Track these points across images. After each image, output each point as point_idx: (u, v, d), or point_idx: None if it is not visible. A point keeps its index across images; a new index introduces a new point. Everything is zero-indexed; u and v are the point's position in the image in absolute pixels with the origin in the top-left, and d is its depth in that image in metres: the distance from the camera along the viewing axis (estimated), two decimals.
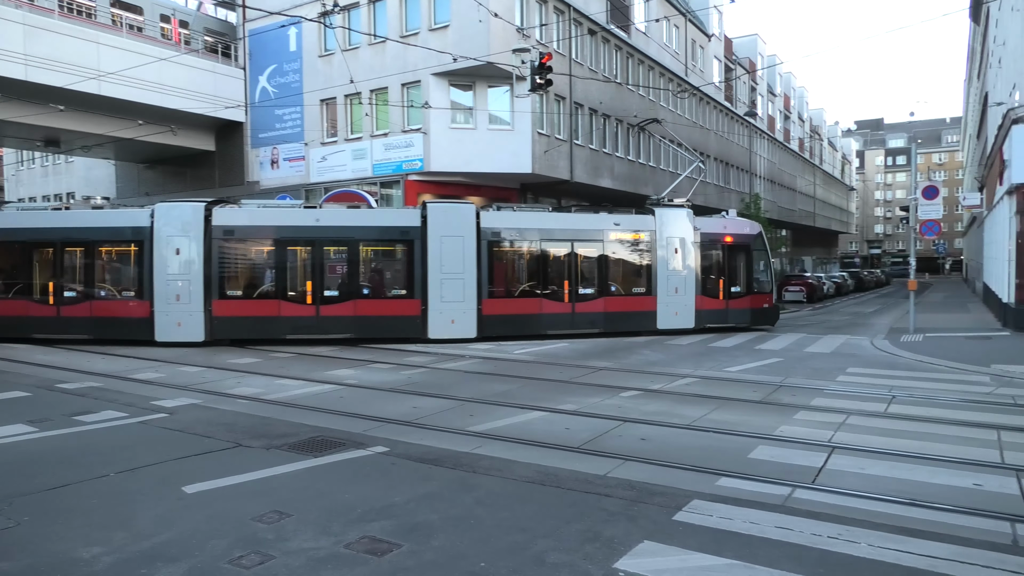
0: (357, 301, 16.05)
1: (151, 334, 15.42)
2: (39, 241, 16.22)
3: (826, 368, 12.07)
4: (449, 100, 23.04)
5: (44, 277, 16.19)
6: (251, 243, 16.10)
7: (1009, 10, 19.23)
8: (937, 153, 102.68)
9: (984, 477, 5.92)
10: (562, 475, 6.03)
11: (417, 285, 16.10)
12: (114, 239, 16.13)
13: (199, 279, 15.48)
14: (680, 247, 17.77)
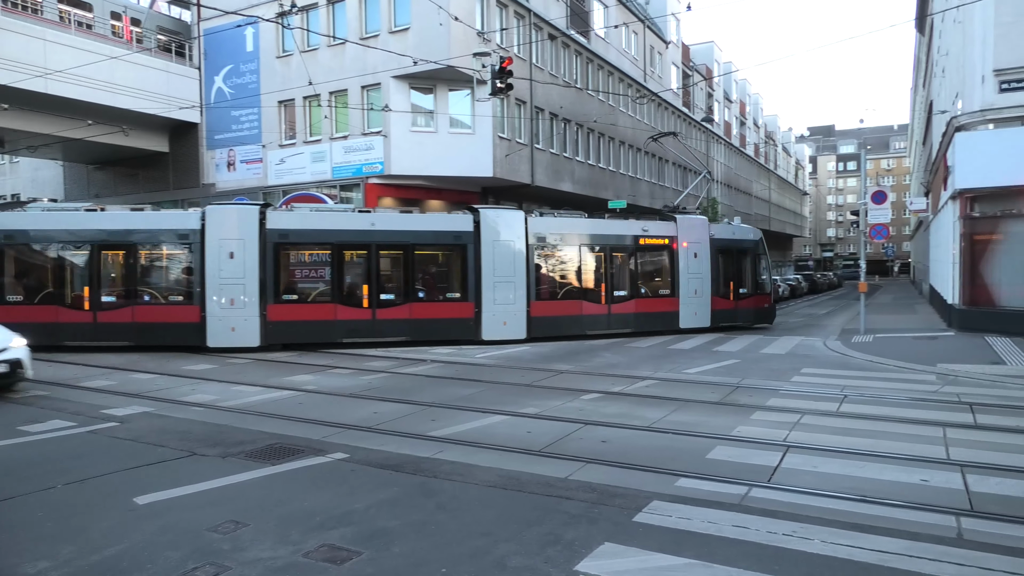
0: (412, 304, 16.24)
1: (202, 339, 15.09)
2: (73, 243, 15.47)
3: (781, 369, 12.33)
4: (410, 103, 22.93)
5: (78, 281, 15.50)
6: (306, 247, 16.05)
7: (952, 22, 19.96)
8: (885, 159, 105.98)
9: (931, 473, 6.12)
10: (524, 479, 6.04)
11: (471, 289, 16.44)
12: (160, 241, 15.70)
13: (255, 283, 15.24)
14: (699, 252, 18.94)
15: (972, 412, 8.56)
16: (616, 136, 33.29)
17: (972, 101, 16.29)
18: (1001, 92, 15.59)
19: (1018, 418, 8.25)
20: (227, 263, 15.15)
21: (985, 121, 15.95)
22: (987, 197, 16.50)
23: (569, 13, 29.44)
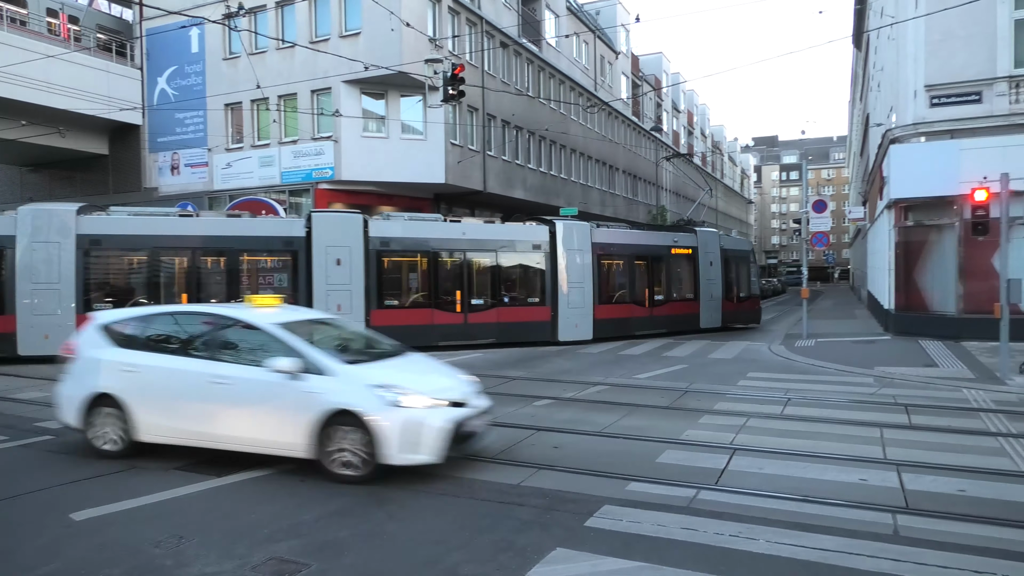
0: (500, 308, 17.45)
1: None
2: (169, 249, 15.21)
3: (728, 373, 12.62)
4: (361, 108, 22.73)
5: (180, 289, 15.28)
6: (405, 254, 16.83)
7: (886, 39, 20.84)
8: (826, 169, 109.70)
9: (869, 472, 6.35)
10: (476, 486, 6.03)
11: (548, 293, 17.84)
12: (263, 248, 15.83)
13: (360, 289, 15.75)
14: (713, 261, 21.45)
15: (907, 413, 8.91)
16: (568, 144, 33.64)
17: (905, 115, 17.01)
18: (932, 107, 16.33)
19: (949, 418, 8.63)
20: (335, 269, 15.60)
21: (917, 134, 16.67)
22: (920, 207, 17.23)
23: (521, 22, 29.66)
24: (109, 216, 15.17)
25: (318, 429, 6.15)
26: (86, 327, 7.64)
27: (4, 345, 14.05)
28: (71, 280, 14.35)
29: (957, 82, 16.04)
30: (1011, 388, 10.47)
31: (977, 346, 14.92)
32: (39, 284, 14.20)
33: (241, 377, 6.51)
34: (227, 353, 6.87)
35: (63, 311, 14.22)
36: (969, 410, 9.12)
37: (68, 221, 14.48)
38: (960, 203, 15.28)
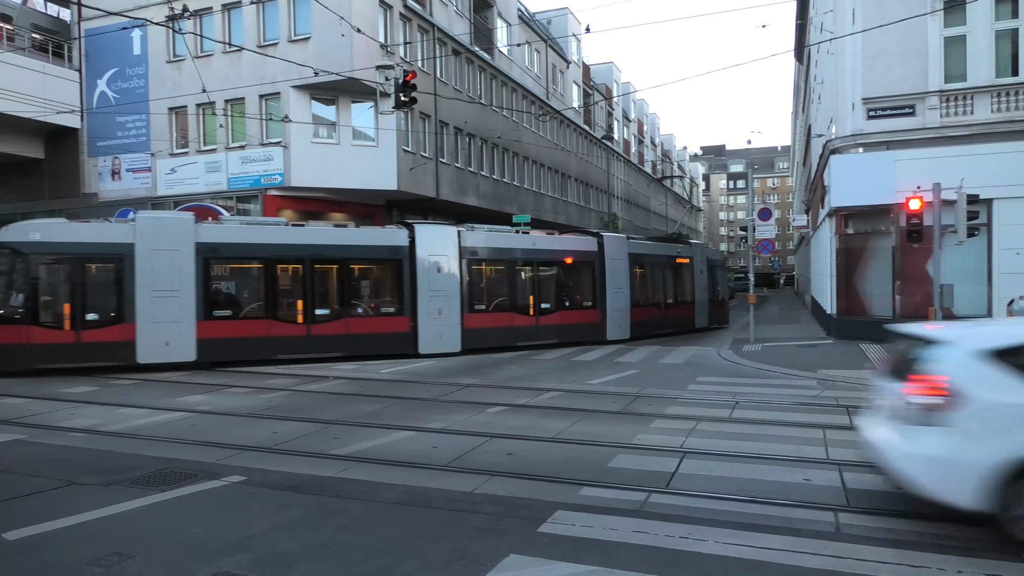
0: (563, 312, 19.31)
1: (414, 348, 16.38)
2: (284, 257, 15.75)
3: (678, 378, 12.85)
4: (311, 114, 22.43)
5: (291, 296, 15.86)
6: (490, 263, 18.21)
7: (826, 53, 21.62)
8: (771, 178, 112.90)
9: (812, 472, 6.55)
10: (429, 494, 6.00)
11: (598, 296, 19.57)
12: (371, 257, 16.82)
13: (456, 295, 16.96)
14: (704, 269, 24.18)
15: (848, 414, 9.21)
16: (520, 152, 33.83)
17: (844, 126, 17.67)
18: (869, 119, 17.00)
19: None
20: (436, 277, 16.80)
21: (856, 145, 17.32)
22: (859, 215, 17.89)
23: (473, 30, 29.75)
24: (224, 224, 15.88)
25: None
26: (955, 354, 5.11)
27: (123, 353, 14.06)
28: (191, 287, 14.56)
29: (892, 96, 16.74)
30: None
31: None
32: (159, 291, 14.30)
33: None
34: None
35: (183, 318, 14.42)
36: None
37: (187, 229, 14.76)
38: (896, 212, 15.92)
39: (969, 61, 16.20)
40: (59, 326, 13.83)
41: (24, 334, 13.59)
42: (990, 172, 15.29)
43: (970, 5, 16.07)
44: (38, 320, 13.81)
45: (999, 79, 16.01)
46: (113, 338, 14.04)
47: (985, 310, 15.99)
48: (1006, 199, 15.64)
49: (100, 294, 14.40)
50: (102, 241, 14.21)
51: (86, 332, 13.94)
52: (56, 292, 14.19)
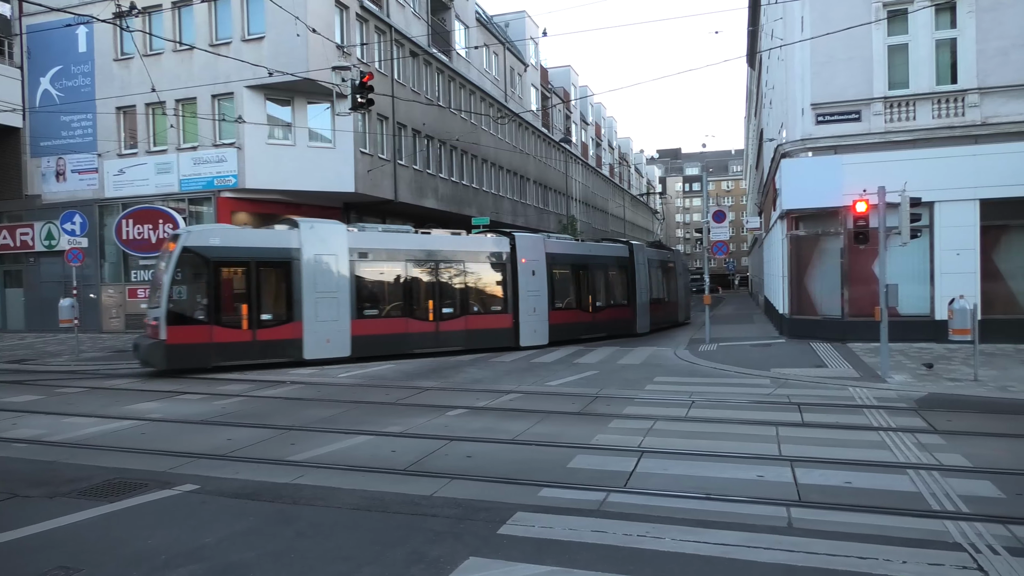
0: (607, 309, 22.12)
1: (515, 341, 18.90)
2: (416, 260, 17.50)
3: (636, 378, 13.00)
4: (266, 115, 22.06)
5: (423, 296, 17.59)
6: (562, 267, 20.56)
7: (776, 59, 22.17)
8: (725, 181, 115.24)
9: (765, 469, 6.70)
10: (388, 499, 5.96)
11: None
12: (483, 260, 18.79)
13: (544, 294, 19.47)
14: (680, 271, 28.06)
15: (800, 411, 9.46)
16: (479, 154, 33.83)
17: (795, 131, 18.14)
18: (818, 124, 17.49)
19: (837, 415, 9.23)
20: (531, 279, 19.37)
21: (805, 149, 17.80)
22: (809, 217, 18.37)
23: (430, 31, 29.64)
24: (369, 232, 17.21)
25: None
26: None
27: (292, 350, 15.30)
28: (346, 289, 16.02)
29: (839, 101, 17.25)
30: (891, 385, 11.30)
31: (861, 347, 16.03)
32: (321, 293, 15.68)
33: None
34: None
35: (340, 317, 15.84)
36: (854, 407, 9.79)
37: (342, 235, 16.29)
38: (844, 214, 16.38)
39: (911, 69, 16.80)
40: (238, 325, 14.84)
41: (207, 334, 14.49)
42: (932, 176, 15.88)
43: (911, 15, 16.67)
44: (220, 320, 14.67)
45: (939, 86, 16.63)
46: (284, 336, 15.33)
47: (928, 309, 16.60)
48: (947, 202, 16.26)
49: (272, 295, 15.59)
50: (273, 246, 15.41)
51: (261, 331, 15.10)
52: (234, 294, 15.14)
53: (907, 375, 12.20)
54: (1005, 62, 16.02)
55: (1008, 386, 10.99)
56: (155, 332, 14.11)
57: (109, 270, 24.11)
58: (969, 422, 8.65)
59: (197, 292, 14.56)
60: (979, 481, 6.17)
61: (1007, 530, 5.00)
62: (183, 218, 22.46)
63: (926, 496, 5.80)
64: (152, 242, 22.58)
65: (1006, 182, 15.86)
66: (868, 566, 4.46)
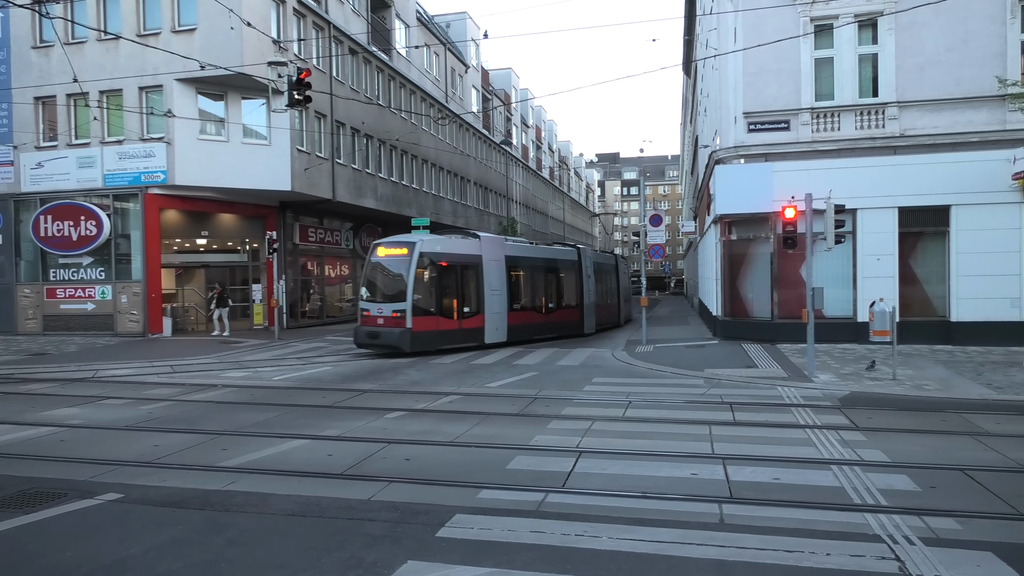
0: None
1: (581, 330, 23.49)
2: (533, 266, 21.85)
3: (575, 379, 13.15)
4: (197, 109, 21.35)
5: (539, 294, 22.04)
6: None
7: (711, 68, 22.82)
8: (662, 185, 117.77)
9: (699, 467, 6.88)
10: (324, 504, 5.85)
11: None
12: (563, 267, 23.24)
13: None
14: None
15: (732, 411, 9.76)
16: (419, 154, 33.60)
17: (728, 138, 18.70)
18: (750, 132, 18.08)
19: (767, 414, 9.56)
20: (592, 284, 24.89)
21: (738, 156, 18.37)
22: (741, 222, 18.96)
23: (370, 29, 29.27)
24: (513, 243, 22.01)
25: None
26: None
27: (478, 336, 18.88)
28: (505, 287, 19.93)
29: (770, 111, 17.89)
30: (816, 385, 11.77)
31: (789, 348, 16.64)
32: (492, 290, 19.36)
33: None
34: None
35: (502, 310, 19.71)
36: (782, 406, 10.15)
37: (501, 245, 20.71)
38: (774, 219, 16.97)
39: (836, 82, 17.56)
40: (451, 316, 18.04)
41: (435, 323, 17.63)
42: (855, 184, 16.65)
43: (837, 30, 17.43)
44: (441, 311, 17.74)
45: (862, 99, 17.44)
46: (474, 325, 18.75)
47: (851, 312, 17.37)
48: (868, 209, 17.06)
49: (467, 292, 18.78)
50: (469, 253, 18.91)
51: (463, 321, 18.40)
52: (448, 291, 18.19)
53: (832, 375, 12.73)
54: (922, 78, 16.93)
55: (923, 384, 11.60)
56: (400, 322, 16.95)
57: (25, 269, 22.87)
58: (888, 419, 9.09)
59: (429, 289, 17.53)
60: (896, 475, 6.49)
61: (922, 521, 5.27)
62: (107, 215, 21.52)
63: (848, 490, 6.06)
64: (73, 239, 21.55)
65: (922, 191, 16.77)
66: (795, 559, 4.63)
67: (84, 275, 22.12)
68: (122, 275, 21.92)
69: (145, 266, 21.49)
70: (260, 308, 24.22)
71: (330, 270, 29.00)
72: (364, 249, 31.14)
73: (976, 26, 16.59)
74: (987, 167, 16.31)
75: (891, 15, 16.98)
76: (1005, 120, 16.30)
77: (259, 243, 24.21)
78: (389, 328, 16.87)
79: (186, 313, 23.80)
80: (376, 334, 17.07)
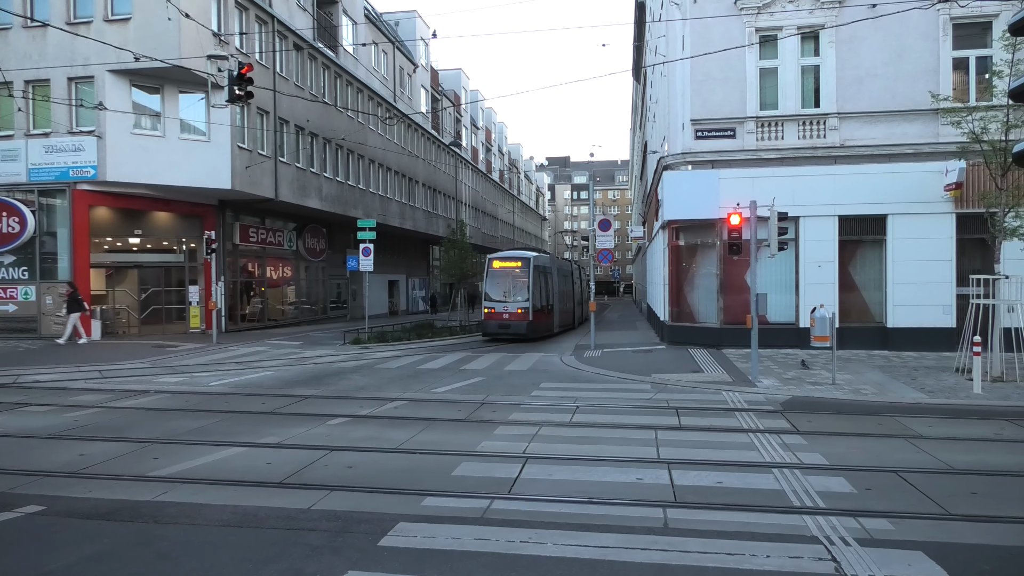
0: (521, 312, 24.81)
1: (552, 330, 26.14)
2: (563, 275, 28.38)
3: (522, 384, 13.19)
4: (131, 102, 20.67)
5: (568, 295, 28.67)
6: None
7: (660, 75, 23.27)
8: (612, 190, 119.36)
9: (644, 472, 6.99)
10: (262, 514, 5.72)
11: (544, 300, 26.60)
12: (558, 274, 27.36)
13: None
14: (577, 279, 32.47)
15: (678, 415, 9.94)
16: (366, 154, 33.25)
17: (676, 144, 19.10)
18: (697, 139, 18.50)
19: (711, 418, 9.78)
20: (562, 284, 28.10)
21: (685, 163, 18.78)
22: (689, 228, 19.38)
23: (316, 25, 28.85)
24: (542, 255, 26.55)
25: None
26: None
27: (551, 327, 24.87)
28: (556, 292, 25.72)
29: (716, 118, 18.34)
30: (760, 389, 12.10)
31: (734, 353, 17.07)
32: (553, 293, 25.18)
33: None
34: None
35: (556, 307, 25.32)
36: (727, 410, 10.41)
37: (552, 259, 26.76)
38: (720, 226, 17.39)
39: (780, 91, 18.14)
40: (548, 311, 24.57)
41: (542, 316, 23.55)
42: (798, 192, 17.22)
43: (780, 41, 18.01)
44: (544, 307, 23.89)
45: (804, 109, 18.06)
46: (551, 318, 25.10)
47: (794, 317, 17.92)
48: (810, 217, 17.65)
49: (551, 293, 24.92)
50: (546, 265, 24.83)
51: (550, 314, 24.83)
52: (546, 292, 24.35)
53: (774, 379, 13.11)
54: (860, 90, 17.63)
55: (861, 389, 12.05)
56: (524, 316, 22.61)
57: None
58: (827, 423, 9.42)
59: (538, 291, 23.35)
60: (834, 478, 6.73)
61: (857, 523, 5.48)
62: (31, 211, 20.61)
63: (788, 493, 6.26)
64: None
65: (861, 200, 17.45)
66: (736, 562, 4.75)
67: (5, 275, 21.12)
68: (47, 275, 21.02)
69: (72, 266, 20.66)
70: (197, 311, 23.55)
71: (272, 272, 28.40)
72: (308, 251, 30.64)
73: (911, 42, 17.37)
74: (921, 178, 17.09)
75: (832, 28, 17.64)
76: (938, 133, 17.09)
77: (196, 243, 23.54)
78: (516, 320, 22.65)
79: (117, 316, 22.96)
80: (507, 325, 22.68)
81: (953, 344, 14.71)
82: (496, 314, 22.85)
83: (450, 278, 33.58)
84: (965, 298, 14.66)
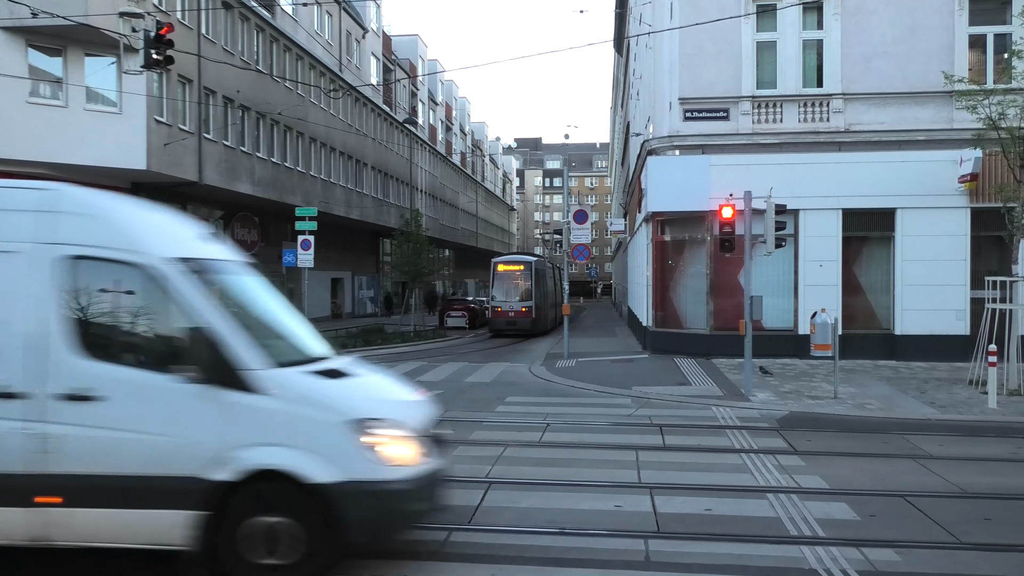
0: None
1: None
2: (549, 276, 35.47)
3: (486, 398, 13.21)
4: (26, 64, 20.13)
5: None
6: None
7: (645, 47, 23.49)
8: (589, 177, 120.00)
9: (623, 498, 7.06)
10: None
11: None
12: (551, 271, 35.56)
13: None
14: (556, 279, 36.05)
15: (661, 434, 10.06)
16: (306, 132, 32.96)
17: (662, 126, 19.29)
18: (686, 120, 18.71)
19: (699, 437, 9.92)
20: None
21: (673, 147, 18.98)
22: (676, 221, 19.59)
23: None
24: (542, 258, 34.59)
25: None
26: None
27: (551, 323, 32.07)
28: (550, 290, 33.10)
29: (708, 97, 18.56)
30: (753, 404, 12.31)
31: (725, 363, 17.29)
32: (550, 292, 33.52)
33: None
34: None
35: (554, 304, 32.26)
36: (717, 428, 10.56)
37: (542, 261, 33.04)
38: (711, 219, 17.60)
39: (779, 68, 18.43)
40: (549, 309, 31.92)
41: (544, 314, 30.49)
42: (797, 182, 17.48)
43: (780, 11, 18.30)
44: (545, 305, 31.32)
45: (806, 89, 18.38)
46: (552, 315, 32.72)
47: (792, 323, 18.21)
48: (811, 210, 17.94)
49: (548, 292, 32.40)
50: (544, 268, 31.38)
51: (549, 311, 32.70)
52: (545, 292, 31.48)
53: (770, 393, 13.34)
54: (868, 69, 18.00)
55: (866, 404, 12.34)
56: (528, 314, 29.48)
57: None
58: (827, 442, 9.62)
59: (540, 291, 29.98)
60: (835, 503, 6.87)
61: (860, 553, 5.61)
62: None
63: (784, 521, 6.37)
64: None
65: (867, 192, 17.74)
66: None
67: None
68: None
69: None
70: None
71: None
72: (239, 243, 30.21)
73: (924, 17, 17.78)
74: (933, 168, 17.47)
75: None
76: (952, 118, 17.51)
77: None
78: (521, 318, 29.50)
79: None
80: (513, 322, 29.45)
81: (966, 353, 15.07)
82: (502, 312, 29.72)
83: (403, 276, 33.23)
84: (980, 302, 15.02)
